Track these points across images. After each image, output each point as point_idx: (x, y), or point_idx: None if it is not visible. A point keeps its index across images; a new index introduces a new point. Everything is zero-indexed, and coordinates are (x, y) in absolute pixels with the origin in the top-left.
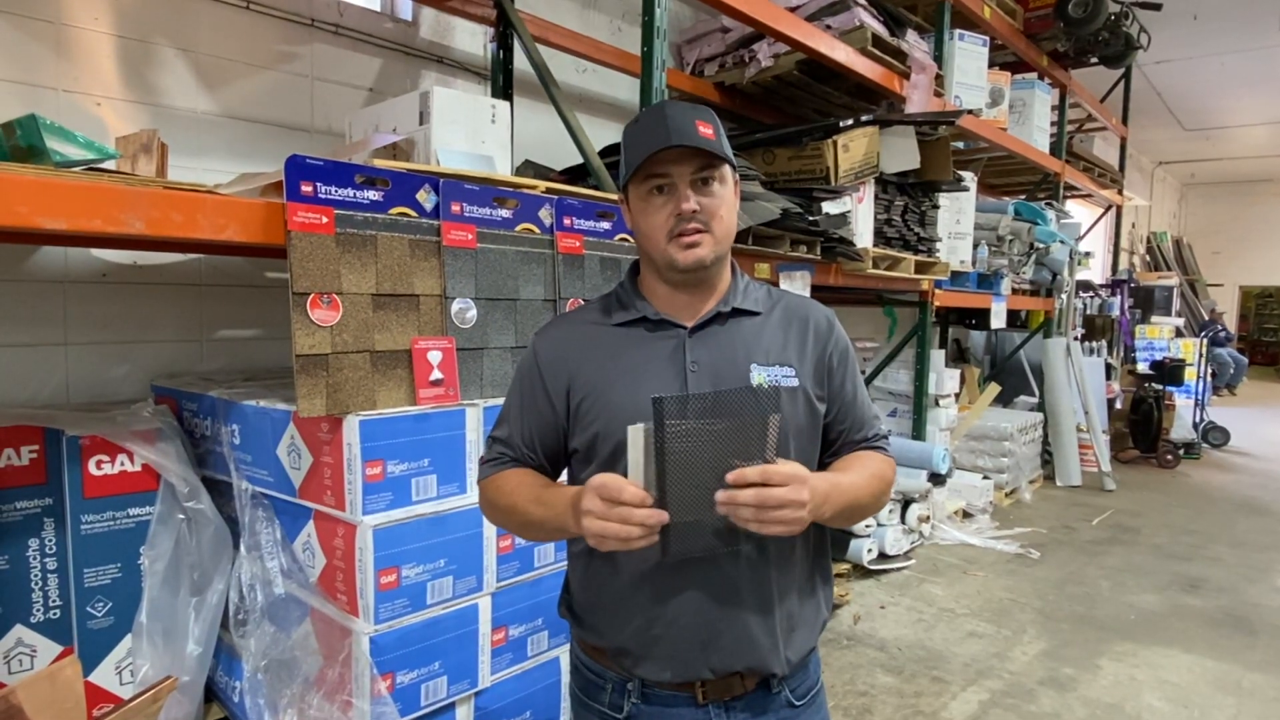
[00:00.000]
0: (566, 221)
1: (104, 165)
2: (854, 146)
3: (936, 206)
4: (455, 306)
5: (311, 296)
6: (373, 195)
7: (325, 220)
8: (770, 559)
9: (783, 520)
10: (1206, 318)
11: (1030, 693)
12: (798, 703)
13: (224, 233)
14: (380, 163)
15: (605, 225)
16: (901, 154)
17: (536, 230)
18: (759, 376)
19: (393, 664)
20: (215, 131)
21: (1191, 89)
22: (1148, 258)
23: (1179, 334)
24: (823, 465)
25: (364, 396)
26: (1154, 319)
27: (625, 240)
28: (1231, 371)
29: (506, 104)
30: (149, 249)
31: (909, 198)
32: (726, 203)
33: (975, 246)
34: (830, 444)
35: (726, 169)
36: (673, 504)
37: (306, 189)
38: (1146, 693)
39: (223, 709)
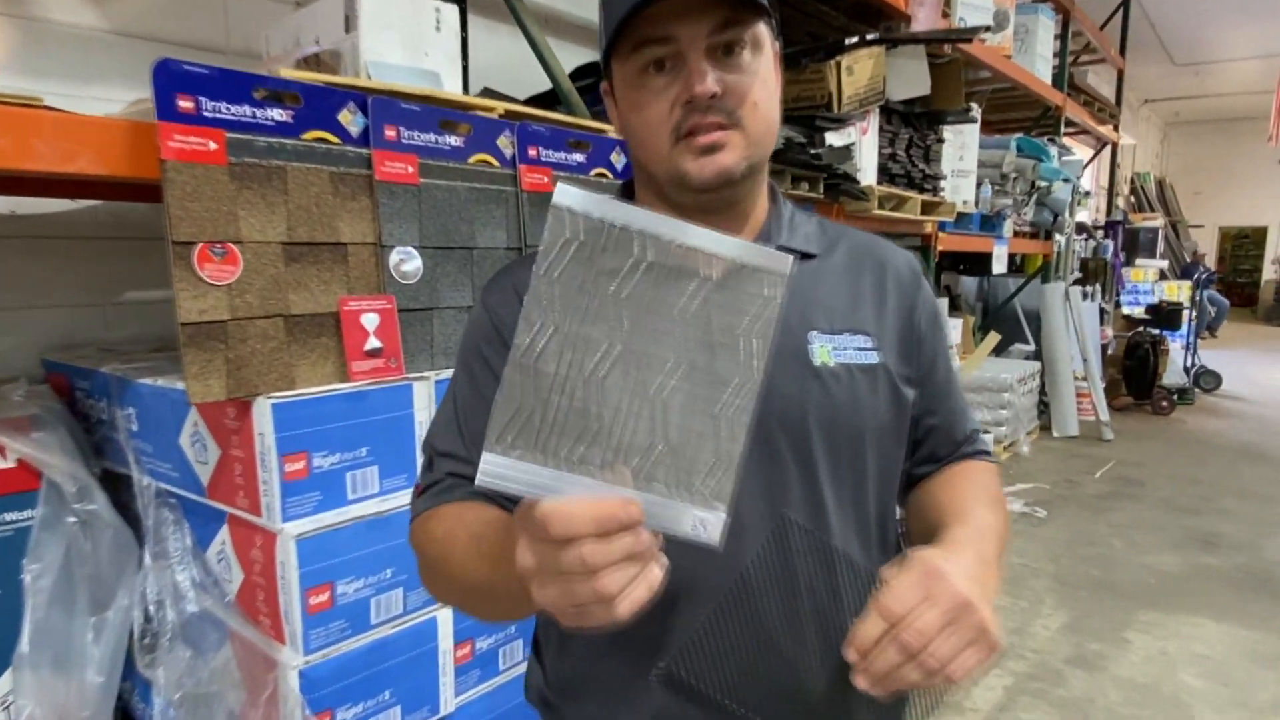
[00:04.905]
0: (531, 152)
1: None
2: (858, 69)
3: (941, 140)
4: (394, 257)
5: (199, 247)
6: (279, 115)
7: (214, 146)
8: None
9: (959, 647)
10: (1189, 260)
11: (1058, 674)
12: None
13: (73, 163)
14: (288, 73)
15: (579, 157)
16: (911, 78)
17: (495, 162)
18: (822, 351)
19: (330, 699)
20: (105, 53)
21: (1186, 19)
22: (1132, 199)
23: (1163, 276)
24: (908, 477)
25: (278, 374)
26: (1138, 261)
27: (604, 176)
28: (1213, 314)
29: (454, 7)
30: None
31: (913, 130)
32: (764, 80)
33: (979, 185)
34: (915, 446)
35: (761, 26)
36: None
37: (185, 105)
38: (1181, 669)
39: None
